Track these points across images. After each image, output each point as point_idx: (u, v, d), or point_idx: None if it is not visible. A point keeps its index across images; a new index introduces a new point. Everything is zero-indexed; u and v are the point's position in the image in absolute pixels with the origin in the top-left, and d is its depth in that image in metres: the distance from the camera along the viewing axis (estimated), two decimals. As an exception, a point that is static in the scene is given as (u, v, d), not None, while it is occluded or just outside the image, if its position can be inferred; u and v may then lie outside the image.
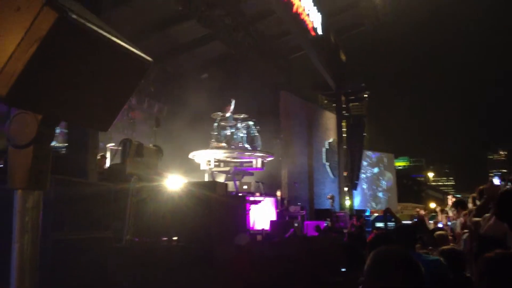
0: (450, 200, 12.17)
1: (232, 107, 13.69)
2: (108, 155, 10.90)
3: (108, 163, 9.71)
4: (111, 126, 1.50)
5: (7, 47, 1.14)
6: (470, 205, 7.36)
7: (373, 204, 31.95)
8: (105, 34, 1.27)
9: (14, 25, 1.14)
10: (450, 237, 6.81)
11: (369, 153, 31.77)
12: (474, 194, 7.14)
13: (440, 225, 12.80)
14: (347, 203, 23.31)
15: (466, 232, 6.67)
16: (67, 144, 6.67)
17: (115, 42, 1.30)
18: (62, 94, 1.25)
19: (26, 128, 1.26)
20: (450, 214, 12.85)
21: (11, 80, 1.12)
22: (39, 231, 1.29)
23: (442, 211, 16.72)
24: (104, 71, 1.34)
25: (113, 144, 11.53)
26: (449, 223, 11.12)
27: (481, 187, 6.79)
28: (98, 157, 8.42)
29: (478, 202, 6.63)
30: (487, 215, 4.03)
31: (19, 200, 1.28)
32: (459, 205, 8.43)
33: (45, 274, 1.32)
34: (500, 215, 2.77)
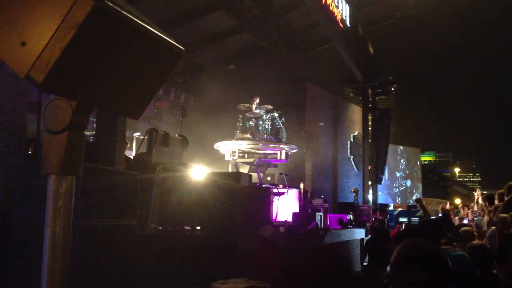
0: (478, 194, 11.97)
1: (258, 99, 13.68)
2: (134, 144, 11.03)
3: (134, 152, 9.81)
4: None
5: (45, 34, 1.15)
6: (496, 202, 7.23)
7: (397, 199, 31.66)
8: (139, 22, 1.27)
9: (52, 12, 1.15)
10: (475, 233, 6.69)
11: (398, 147, 31.43)
12: (501, 190, 7.00)
13: (465, 221, 12.61)
14: (371, 197, 23.14)
15: (493, 228, 6.56)
16: (95, 133, 6.76)
17: (149, 30, 1.31)
18: (96, 81, 1.27)
19: (61, 114, 1.27)
20: (475, 208, 12.61)
21: (48, 66, 1.13)
22: (71, 215, 1.31)
23: (466, 206, 16.46)
24: (138, 59, 1.35)
25: (139, 133, 11.65)
26: (475, 218, 10.93)
27: (510, 183, 6.65)
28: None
29: (506, 198, 6.51)
30: None
31: (53, 185, 1.30)
32: (488, 199, 8.28)
33: (72, 259, 1.34)
34: None
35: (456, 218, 15.07)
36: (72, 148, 1.29)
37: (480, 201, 9.63)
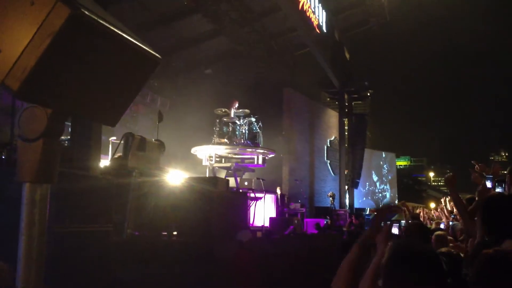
0: (444, 201, 12.14)
1: (236, 104, 13.70)
2: (110, 148, 10.92)
3: (110, 157, 9.72)
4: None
5: (20, 41, 1.15)
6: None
7: (373, 203, 31.98)
8: (116, 30, 1.28)
9: (28, 19, 1.15)
10: (450, 238, 6.78)
11: (372, 151, 31.77)
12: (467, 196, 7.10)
13: (441, 226, 12.74)
14: (347, 201, 23.34)
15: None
16: (69, 137, 6.68)
17: (126, 39, 1.31)
18: (72, 89, 1.26)
19: (36, 122, 1.27)
20: (445, 212, 12.74)
21: (24, 74, 1.13)
22: (46, 223, 1.30)
23: (435, 210, 16.67)
24: (114, 67, 1.35)
25: (115, 137, 11.54)
26: (450, 223, 11.08)
27: (467, 196, 6.71)
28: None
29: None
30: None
31: (28, 192, 1.29)
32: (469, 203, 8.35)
33: (45, 266, 1.33)
34: (482, 217, 2.79)
35: (433, 222, 15.23)
36: (47, 155, 1.28)
37: (449, 206, 9.76)
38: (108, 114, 1.41)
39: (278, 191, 15.01)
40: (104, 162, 8.55)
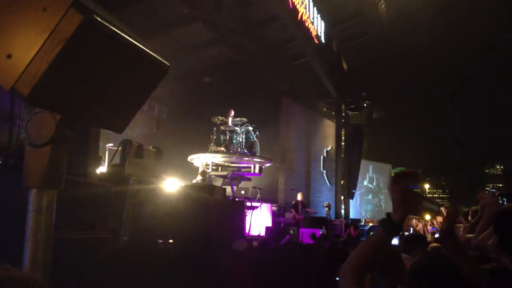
0: (444, 211, 12.14)
1: (232, 112, 13.72)
2: (107, 155, 10.88)
3: (107, 164, 9.68)
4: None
5: (31, 47, 1.15)
6: (469, 218, 7.30)
7: (368, 214, 31.93)
8: (127, 37, 1.28)
9: (39, 25, 1.15)
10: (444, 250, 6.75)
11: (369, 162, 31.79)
12: (475, 207, 7.09)
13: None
14: (343, 212, 23.30)
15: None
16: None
17: (136, 45, 1.31)
18: (82, 95, 1.26)
19: (44, 127, 1.26)
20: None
21: (34, 79, 1.13)
22: (52, 230, 1.29)
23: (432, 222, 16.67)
24: (124, 74, 1.35)
25: (112, 144, 11.50)
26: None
27: (473, 208, 6.73)
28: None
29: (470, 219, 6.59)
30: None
31: (34, 198, 1.28)
32: (465, 216, 8.35)
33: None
34: (496, 228, 2.79)
35: (430, 231, 15.24)
36: (55, 161, 1.28)
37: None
38: (116, 121, 1.41)
39: (299, 197, 15.09)
40: (101, 169, 8.51)
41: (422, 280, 1.86)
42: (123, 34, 1.27)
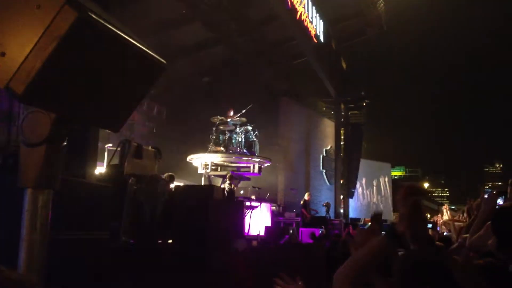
0: (446, 210, 12.11)
1: (232, 112, 13.71)
2: (106, 155, 10.86)
3: (106, 164, 9.67)
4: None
5: (26, 44, 1.13)
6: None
7: (367, 213, 31.89)
8: (122, 35, 1.26)
9: (33, 22, 1.13)
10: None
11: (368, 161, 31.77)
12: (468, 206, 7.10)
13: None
14: (342, 211, 23.28)
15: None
16: (65, 142, 6.63)
17: (132, 43, 1.30)
18: (77, 93, 1.25)
19: (39, 127, 1.25)
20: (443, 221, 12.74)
21: (28, 78, 1.11)
22: (48, 230, 1.28)
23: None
24: (120, 72, 1.34)
25: (111, 144, 11.48)
26: (445, 234, 11.07)
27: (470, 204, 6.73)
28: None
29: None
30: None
31: (29, 198, 1.27)
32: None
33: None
34: (494, 228, 2.77)
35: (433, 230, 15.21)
36: (50, 161, 1.26)
37: (445, 216, 9.76)
38: (112, 120, 1.40)
39: (307, 196, 15.22)
40: (100, 169, 8.50)
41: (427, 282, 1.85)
42: (119, 32, 1.25)
